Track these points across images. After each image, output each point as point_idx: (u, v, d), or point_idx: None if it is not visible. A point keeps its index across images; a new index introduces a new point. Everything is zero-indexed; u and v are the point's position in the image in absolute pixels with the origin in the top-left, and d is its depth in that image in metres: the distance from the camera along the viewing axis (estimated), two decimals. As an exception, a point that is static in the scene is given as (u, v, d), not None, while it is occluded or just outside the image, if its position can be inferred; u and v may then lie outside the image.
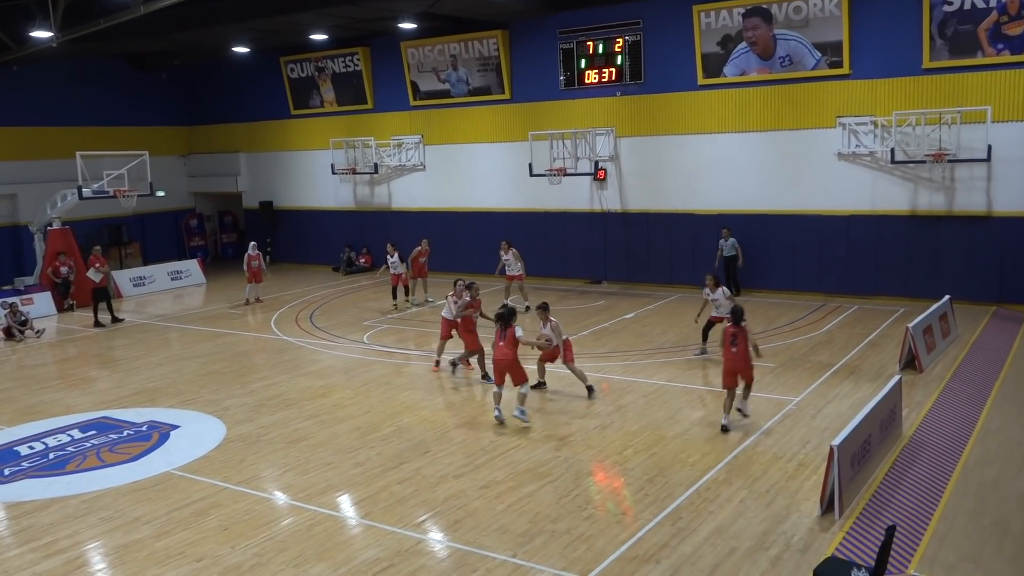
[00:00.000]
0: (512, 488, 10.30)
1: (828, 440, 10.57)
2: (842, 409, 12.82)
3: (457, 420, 13.06)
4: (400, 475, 10.86)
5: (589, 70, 24.22)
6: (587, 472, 10.86)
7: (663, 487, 10.16)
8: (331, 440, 12.33)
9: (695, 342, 17.03)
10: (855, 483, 9.57)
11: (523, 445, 11.76)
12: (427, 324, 20.25)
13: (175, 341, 19.94)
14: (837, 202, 21.39)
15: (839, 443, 9.08)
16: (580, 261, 25.29)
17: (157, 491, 10.69)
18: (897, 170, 20.66)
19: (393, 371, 16.26)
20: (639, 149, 24.00)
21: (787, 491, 9.93)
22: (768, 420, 12.42)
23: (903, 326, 15.54)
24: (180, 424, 13.38)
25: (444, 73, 26.80)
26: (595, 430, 12.34)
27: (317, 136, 30.18)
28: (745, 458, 11.00)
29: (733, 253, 21.83)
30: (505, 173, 26.22)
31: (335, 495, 10.39)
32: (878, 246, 21.02)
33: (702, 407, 13.25)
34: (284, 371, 16.47)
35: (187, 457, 11.86)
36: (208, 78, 32.87)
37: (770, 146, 22.16)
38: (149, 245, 31.72)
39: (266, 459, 11.70)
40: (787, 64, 21.47)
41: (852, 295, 21.16)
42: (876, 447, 10.34)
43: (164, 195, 28.69)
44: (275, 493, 10.61)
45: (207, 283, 28.21)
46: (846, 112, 20.97)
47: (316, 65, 29.45)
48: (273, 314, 22.34)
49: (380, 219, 29.23)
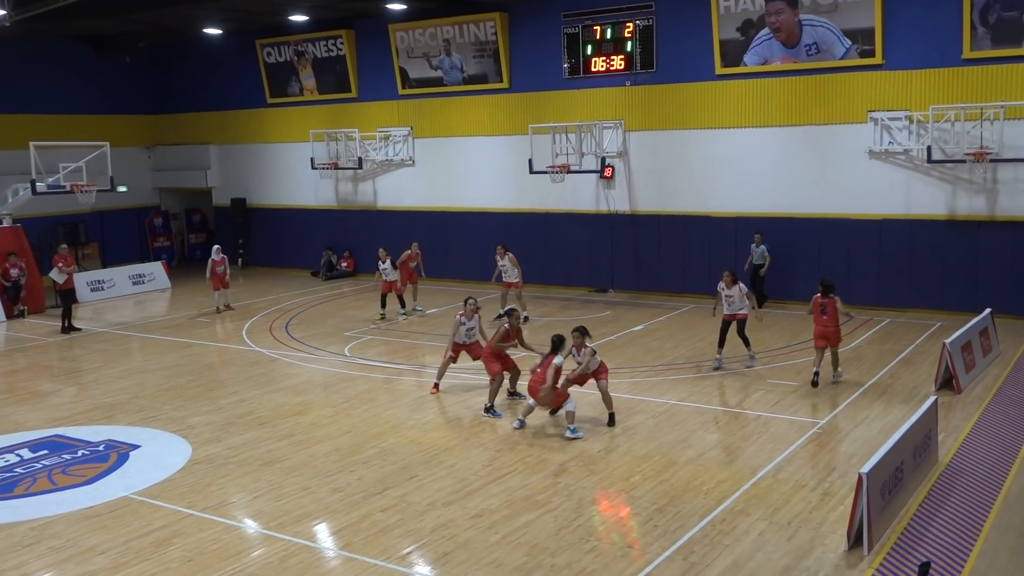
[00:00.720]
0: (507, 517, 10.28)
1: (856, 467, 10.56)
2: (872, 433, 12.81)
3: (447, 442, 13.04)
4: (383, 502, 10.83)
5: (596, 57, 24.28)
6: (590, 500, 10.83)
7: (674, 518, 10.14)
8: (307, 463, 12.29)
9: (711, 357, 17.01)
10: (886, 515, 9.55)
11: (520, 470, 11.74)
12: (415, 335, 20.24)
13: (136, 352, 19.90)
14: (868, 205, 21.43)
15: (868, 470, 9.08)
16: (584, 268, 25.30)
17: (114, 518, 10.64)
18: (934, 170, 20.71)
19: (377, 387, 16.23)
20: (650, 144, 24.05)
21: (811, 523, 9.92)
22: (790, 445, 12.41)
23: (939, 342, 15.55)
24: (140, 443, 13.32)
25: (436, 59, 26.86)
26: (599, 454, 12.32)
27: (296, 127, 30.21)
28: (765, 486, 10.98)
29: (761, 262, 21.79)
30: (503, 170, 26.25)
31: (311, 524, 10.35)
32: (912, 254, 21.05)
33: (717, 429, 13.25)
34: (256, 386, 16.44)
35: (148, 480, 11.79)
36: (176, 62, 32.91)
37: (794, 143, 22.21)
38: (109, 246, 31.71)
39: (235, 483, 11.66)
40: (814, 53, 21.53)
41: (883, 307, 21.18)
42: (909, 475, 10.33)
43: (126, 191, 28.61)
44: (245, 521, 10.57)
45: (172, 288, 28.18)
46: (878, 106, 21.03)
47: (295, 49, 29.50)
48: (245, 323, 22.32)
49: (364, 219, 29.24)
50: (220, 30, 29.07)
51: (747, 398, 14.79)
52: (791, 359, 17.17)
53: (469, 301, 15.41)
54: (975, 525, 9.74)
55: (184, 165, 33.15)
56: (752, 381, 15.69)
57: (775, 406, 14.22)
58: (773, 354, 17.63)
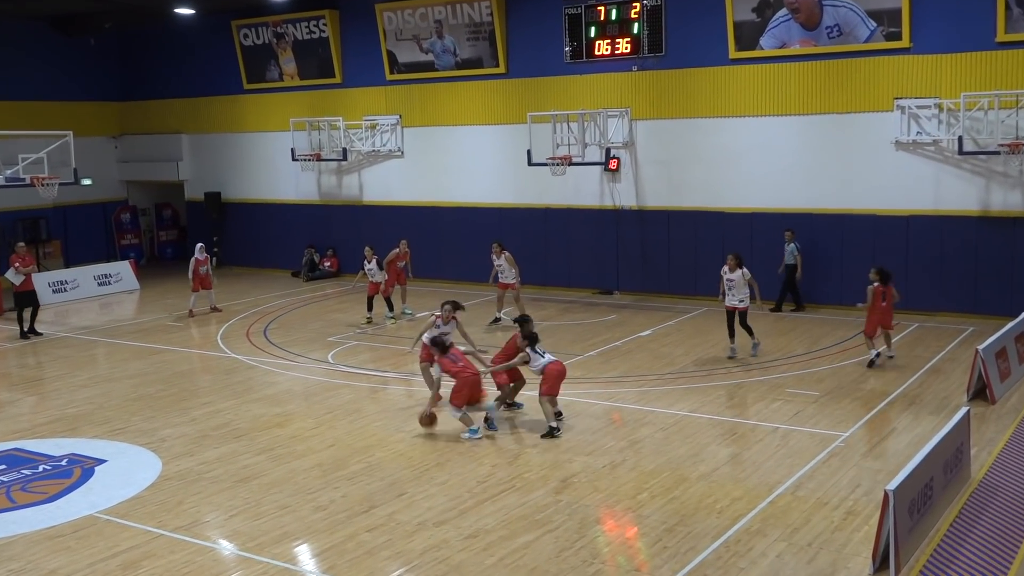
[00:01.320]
0: (504, 538, 10.28)
1: (882, 484, 10.57)
2: (899, 447, 12.84)
3: (439, 456, 13.04)
4: (370, 521, 10.83)
5: (600, 40, 24.30)
6: (594, 520, 10.84)
7: (685, 538, 10.15)
8: (288, 479, 12.29)
9: (725, 364, 17.03)
10: (914, 535, 9.56)
11: (518, 487, 11.75)
12: (404, 341, 20.24)
13: (102, 358, 19.88)
14: (894, 200, 21.46)
15: (895, 487, 9.08)
16: (587, 267, 25.32)
17: (78, 538, 10.63)
18: (965, 162, 20.74)
19: (363, 397, 16.23)
20: (658, 134, 24.07)
21: (833, 544, 9.93)
22: (811, 459, 12.42)
23: (972, 348, 15.59)
24: (107, 458, 13.30)
25: (427, 42, 26.87)
26: (603, 469, 12.32)
27: (275, 115, 30.22)
28: (783, 504, 10.99)
29: (792, 261, 21.78)
30: (499, 162, 26.27)
31: (292, 544, 10.35)
32: (942, 253, 21.08)
33: (731, 442, 13.26)
34: (232, 396, 16.43)
35: (115, 498, 11.78)
36: (145, 45, 32.90)
37: (815, 133, 22.24)
38: (72, 243, 31.69)
39: (209, 501, 11.65)
40: (836, 35, 21.56)
41: (911, 311, 21.19)
42: (939, 492, 10.34)
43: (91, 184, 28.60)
44: (220, 542, 10.56)
45: (141, 289, 28.18)
46: (905, 93, 21.06)
47: (274, 31, 29.51)
48: (220, 327, 22.31)
49: (349, 215, 29.24)
50: (192, 10, 29.05)
51: (764, 409, 14.80)
52: (811, 367, 17.19)
53: (445, 306, 15.27)
54: (1011, 546, 9.76)
55: (154, 156, 33.12)
56: (770, 391, 15.71)
57: (794, 417, 14.23)
58: (792, 361, 17.65)
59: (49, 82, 31.27)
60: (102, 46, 32.90)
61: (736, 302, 17.66)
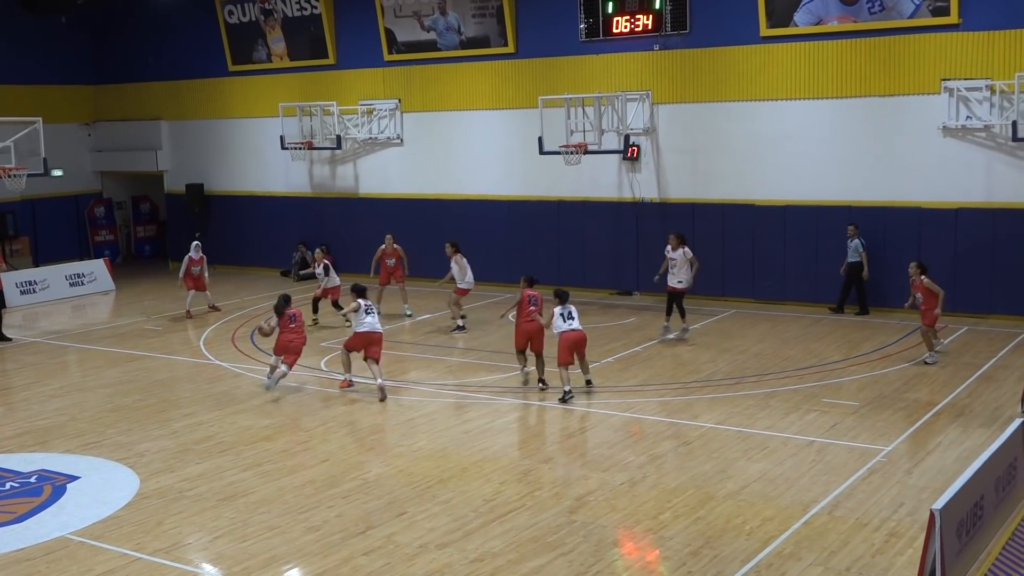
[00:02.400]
0: (513, 562, 10.30)
1: (928, 503, 10.55)
2: (946, 462, 12.81)
3: (442, 472, 13.06)
4: (367, 543, 10.85)
5: (618, 16, 24.30)
6: (611, 542, 10.84)
7: (711, 562, 10.16)
8: (277, 497, 12.32)
9: (754, 372, 17.02)
10: (963, 559, 9.55)
11: (528, 506, 11.76)
12: (404, 346, 20.28)
13: (74, 366, 19.94)
14: (941, 191, 21.42)
15: (942, 507, 9.07)
16: (605, 265, 25.31)
17: (48, 562, 10.66)
18: (1020, 149, 20.70)
19: (359, 407, 16.26)
20: (682, 120, 24.07)
21: (874, 569, 9.92)
22: (849, 476, 12.41)
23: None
24: (80, 474, 13.32)
25: (429, 19, 26.90)
26: (622, 487, 12.33)
27: (263, 100, 30.28)
28: (819, 525, 10.99)
29: (857, 258, 21.62)
30: (507, 150, 26.28)
31: (281, 568, 10.37)
32: (994, 249, 21.04)
33: (762, 457, 13.25)
34: (216, 406, 16.47)
35: (88, 518, 11.80)
36: (120, 24, 32.99)
37: (854, 118, 22.21)
38: (42, 240, 31.78)
39: (192, 521, 11.68)
40: (877, 11, 21.54)
41: (960, 313, 21.15)
42: (990, 512, 10.33)
43: (62, 175, 28.74)
44: (203, 566, 10.59)
45: (116, 290, 28.24)
46: (954, 74, 21.02)
47: (262, 7, 29.57)
48: (203, 331, 22.37)
49: (344, 208, 29.29)
50: (173, -15, 29.15)
51: (798, 420, 14.79)
52: (849, 375, 17.17)
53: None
54: (1069, 571, 9.74)
55: (130, 145, 33.21)
56: (804, 400, 15.70)
57: (831, 430, 14.23)
58: (829, 368, 17.64)
59: (16, 64, 31.33)
60: (75, 25, 32.90)
61: (676, 283, 19.46)
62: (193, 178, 32.13)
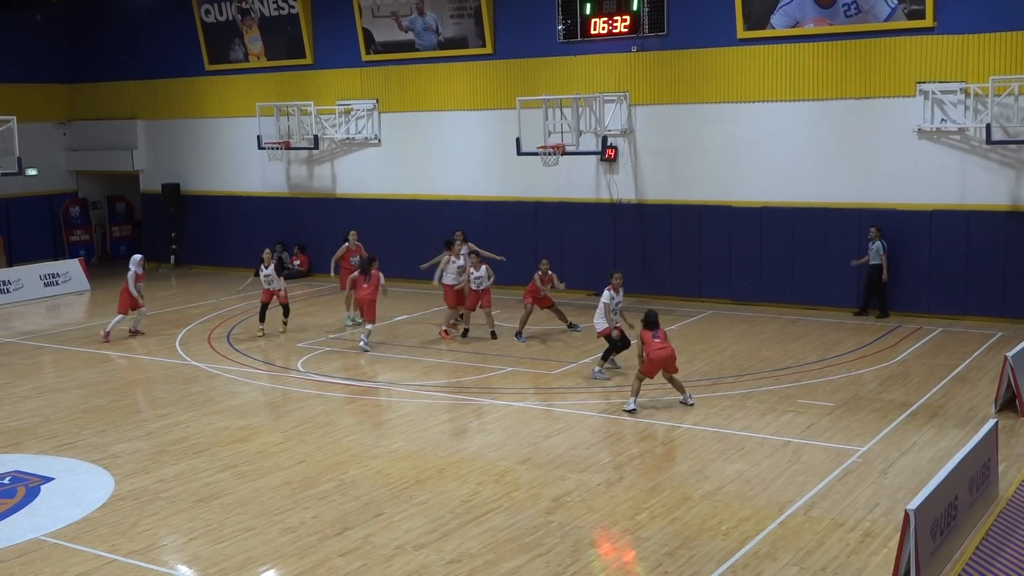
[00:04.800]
0: (490, 563, 10.29)
1: (903, 503, 10.60)
2: (921, 463, 12.88)
3: (419, 473, 13.04)
4: (343, 544, 10.83)
5: (596, 18, 24.33)
6: (588, 542, 10.85)
7: (687, 563, 10.18)
8: (253, 498, 12.28)
9: (731, 373, 17.06)
10: (937, 559, 9.60)
11: (505, 507, 11.76)
12: (381, 347, 20.23)
13: (48, 366, 19.82)
14: (916, 193, 21.54)
15: (917, 507, 9.12)
16: (581, 266, 25.31)
17: (22, 564, 10.59)
18: (994, 153, 20.84)
19: (336, 408, 16.22)
20: (660, 121, 24.12)
21: (849, 569, 9.96)
22: (825, 477, 12.46)
23: (1000, 355, 15.65)
24: (54, 476, 13.25)
25: (407, 19, 26.87)
26: (599, 487, 12.35)
27: (239, 99, 30.18)
28: (795, 525, 11.03)
29: (878, 261, 21.36)
30: (485, 151, 26.27)
31: (257, 570, 10.34)
32: (968, 251, 21.17)
33: (739, 458, 13.29)
34: (192, 407, 16.40)
35: (62, 519, 11.74)
36: (96, 22, 32.81)
37: (830, 120, 22.31)
38: (16, 240, 31.57)
39: (167, 522, 11.63)
40: (853, 13, 21.65)
41: (934, 314, 21.29)
42: (965, 512, 10.39)
43: (36, 174, 28.54)
44: (178, 568, 10.55)
45: (91, 290, 28.07)
46: (929, 77, 21.15)
47: (239, 6, 29.46)
48: (179, 331, 22.26)
49: (321, 209, 29.21)
50: (149, -16, 29.01)
51: (774, 421, 14.84)
52: (826, 375, 17.24)
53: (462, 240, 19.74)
54: (1042, 571, 9.80)
55: (106, 144, 33.02)
56: (780, 401, 15.76)
57: (807, 431, 14.29)
58: (805, 369, 17.72)
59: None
60: (50, 23, 32.76)
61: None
62: (169, 178, 31.98)
